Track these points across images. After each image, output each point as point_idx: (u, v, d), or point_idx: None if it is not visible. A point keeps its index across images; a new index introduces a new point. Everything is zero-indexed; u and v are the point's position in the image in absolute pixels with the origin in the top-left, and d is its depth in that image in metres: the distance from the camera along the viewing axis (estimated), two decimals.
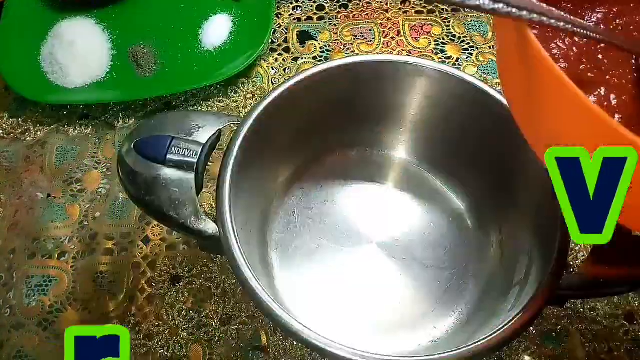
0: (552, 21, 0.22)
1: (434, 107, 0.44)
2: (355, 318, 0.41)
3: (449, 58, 0.58)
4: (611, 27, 0.27)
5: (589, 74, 0.26)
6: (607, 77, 0.26)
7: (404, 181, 0.47)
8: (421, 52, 0.58)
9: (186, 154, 0.37)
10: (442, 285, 0.43)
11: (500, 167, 0.42)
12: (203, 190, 0.44)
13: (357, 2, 0.63)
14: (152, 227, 0.48)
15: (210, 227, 0.35)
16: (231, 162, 0.36)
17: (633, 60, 0.26)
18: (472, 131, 0.43)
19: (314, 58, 0.59)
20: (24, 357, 0.43)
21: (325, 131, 0.46)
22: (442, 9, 0.61)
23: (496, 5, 0.20)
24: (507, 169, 0.42)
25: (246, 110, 0.55)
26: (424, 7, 0.62)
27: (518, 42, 0.23)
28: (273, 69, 0.58)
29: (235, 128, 0.38)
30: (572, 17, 0.22)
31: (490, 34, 0.59)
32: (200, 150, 0.37)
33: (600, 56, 0.26)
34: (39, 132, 0.55)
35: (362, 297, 0.42)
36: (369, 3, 0.62)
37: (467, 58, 0.57)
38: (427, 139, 0.47)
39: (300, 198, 0.47)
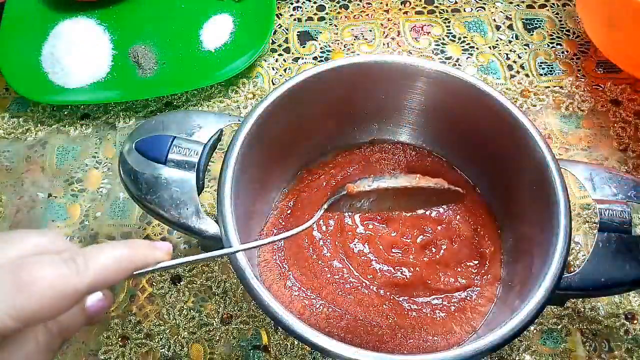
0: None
1: (434, 108, 0.44)
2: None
3: (449, 58, 0.58)
4: None
5: None
6: None
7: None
8: (421, 52, 0.58)
9: (187, 154, 0.37)
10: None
11: (500, 166, 0.42)
12: (204, 190, 0.44)
13: (358, 2, 0.63)
14: (153, 226, 0.49)
15: (211, 226, 0.35)
16: (232, 161, 0.37)
17: None
18: (472, 131, 0.43)
19: (315, 58, 0.59)
20: None
21: (326, 131, 0.46)
22: (442, 9, 0.61)
23: None
24: (506, 169, 0.42)
25: (247, 110, 0.55)
26: (424, 7, 0.62)
27: None
28: (273, 69, 0.58)
29: (236, 128, 0.38)
30: None
31: (490, 34, 0.59)
32: (201, 149, 0.37)
33: None
34: (40, 132, 0.55)
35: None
36: (369, 3, 0.62)
37: (467, 58, 0.58)
38: (427, 139, 0.47)
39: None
